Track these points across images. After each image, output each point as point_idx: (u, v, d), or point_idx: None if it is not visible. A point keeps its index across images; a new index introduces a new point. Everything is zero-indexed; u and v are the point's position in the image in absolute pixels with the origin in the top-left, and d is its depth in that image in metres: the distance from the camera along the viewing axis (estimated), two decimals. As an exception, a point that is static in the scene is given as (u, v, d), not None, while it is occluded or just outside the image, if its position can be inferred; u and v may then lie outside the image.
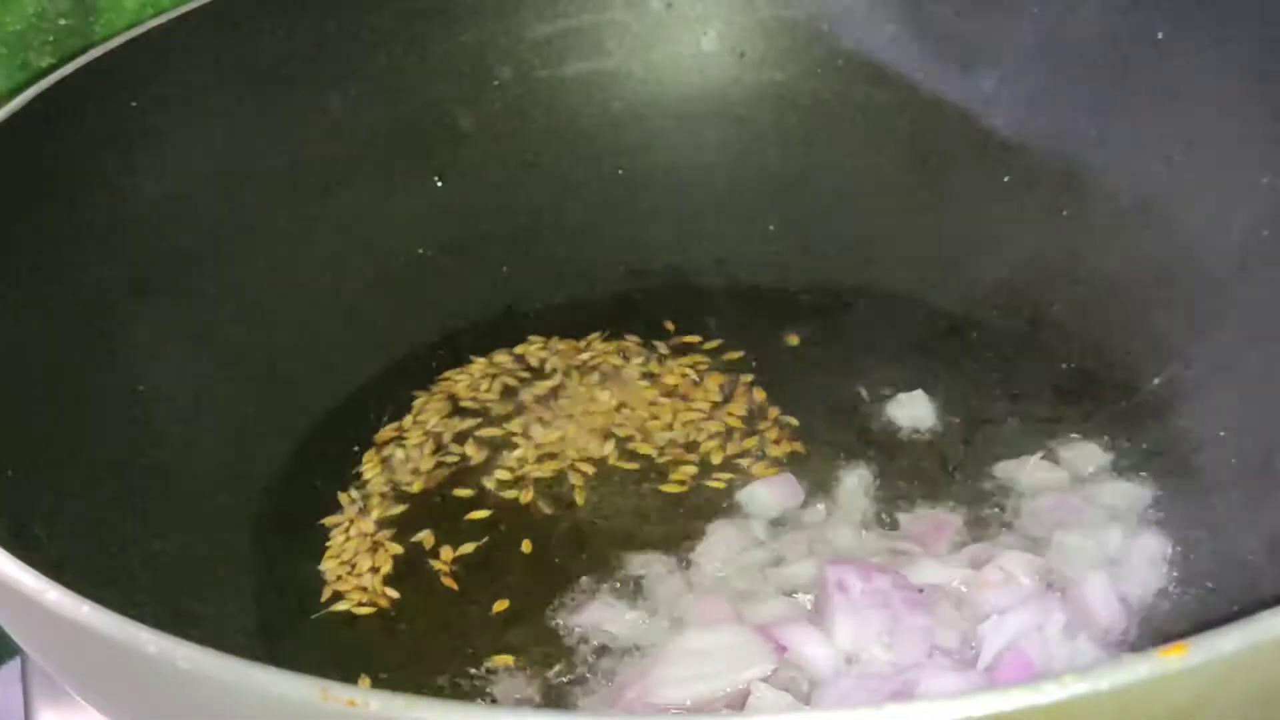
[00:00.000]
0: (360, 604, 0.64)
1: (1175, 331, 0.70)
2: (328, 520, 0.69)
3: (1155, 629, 0.60)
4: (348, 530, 0.68)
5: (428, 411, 0.74)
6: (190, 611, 0.60)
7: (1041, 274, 0.76)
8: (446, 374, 0.76)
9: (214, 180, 0.72)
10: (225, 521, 0.67)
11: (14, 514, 0.54)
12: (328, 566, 0.67)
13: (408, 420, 0.74)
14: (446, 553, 0.67)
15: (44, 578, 0.41)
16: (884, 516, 0.66)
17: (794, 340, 0.77)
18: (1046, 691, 0.33)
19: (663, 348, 0.77)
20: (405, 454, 0.72)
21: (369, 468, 0.72)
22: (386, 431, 0.73)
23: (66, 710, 0.64)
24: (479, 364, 0.77)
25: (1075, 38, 0.74)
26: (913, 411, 0.72)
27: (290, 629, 0.64)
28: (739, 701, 0.56)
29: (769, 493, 0.68)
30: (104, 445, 0.63)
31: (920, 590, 0.60)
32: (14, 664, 0.74)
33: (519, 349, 0.78)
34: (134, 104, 0.69)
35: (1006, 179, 0.77)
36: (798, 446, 0.71)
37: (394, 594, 0.65)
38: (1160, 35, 0.71)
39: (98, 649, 0.40)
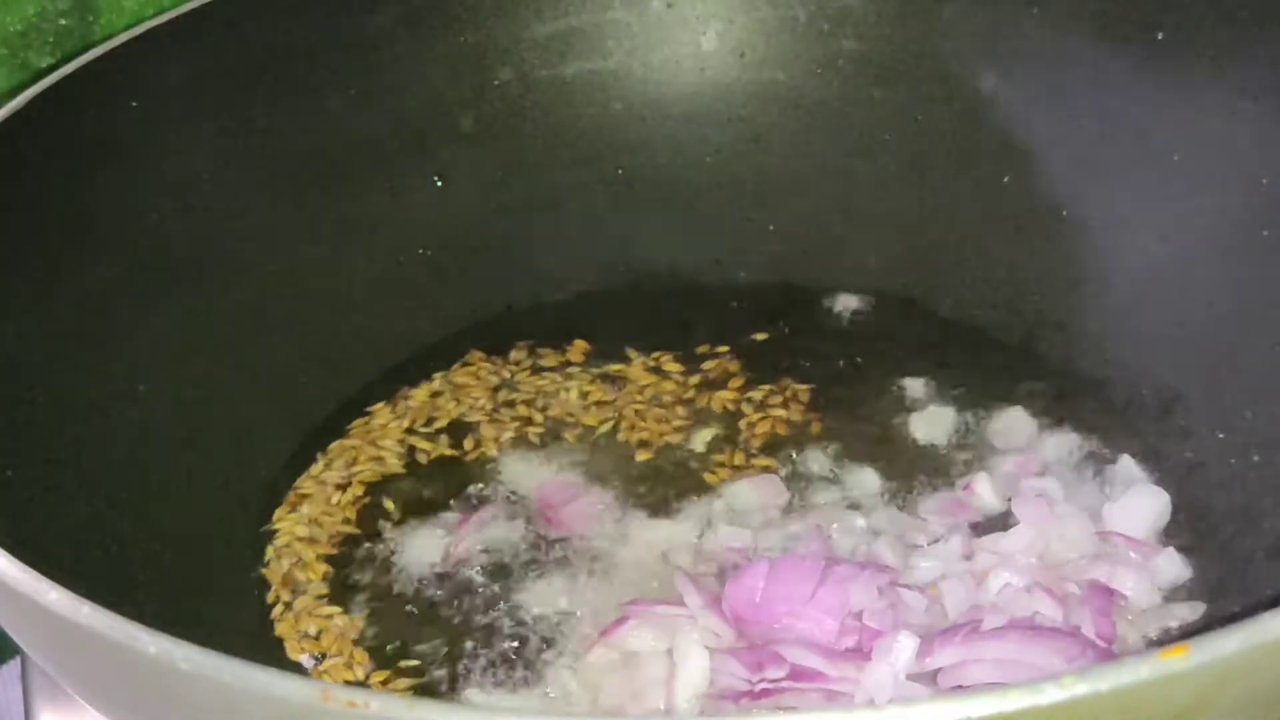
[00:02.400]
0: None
1: (1175, 332, 0.70)
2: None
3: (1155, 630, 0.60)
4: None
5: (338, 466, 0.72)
6: (190, 612, 0.60)
7: (1042, 274, 0.76)
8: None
9: (214, 180, 0.72)
10: (225, 521, 0.67)
11: (14, 514, 0.54)
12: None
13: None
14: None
15: (44, 578, 0.41)
16: (881, 511, 0.66)
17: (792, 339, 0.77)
18: (1047, 692, 0.33)
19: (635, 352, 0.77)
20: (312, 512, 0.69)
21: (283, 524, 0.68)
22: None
23: (66, 710, 0.64)
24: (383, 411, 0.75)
25: (1075, 38, 0.74)
26: (912, 410, 0.72)
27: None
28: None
29: (754, 491, 0.68)
30: (105, 445, 0.63)
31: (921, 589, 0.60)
32: (14, 664, 0.74)
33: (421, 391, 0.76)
34: (134, 104, 0.69)
35: (1006, 179, 0.77)
36: (796, 445, 0.71)
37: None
38: (1160, 35, 0.71)
39: (98, 650, 0.40)
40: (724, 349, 0.77)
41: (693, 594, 0.59)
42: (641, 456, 0.71)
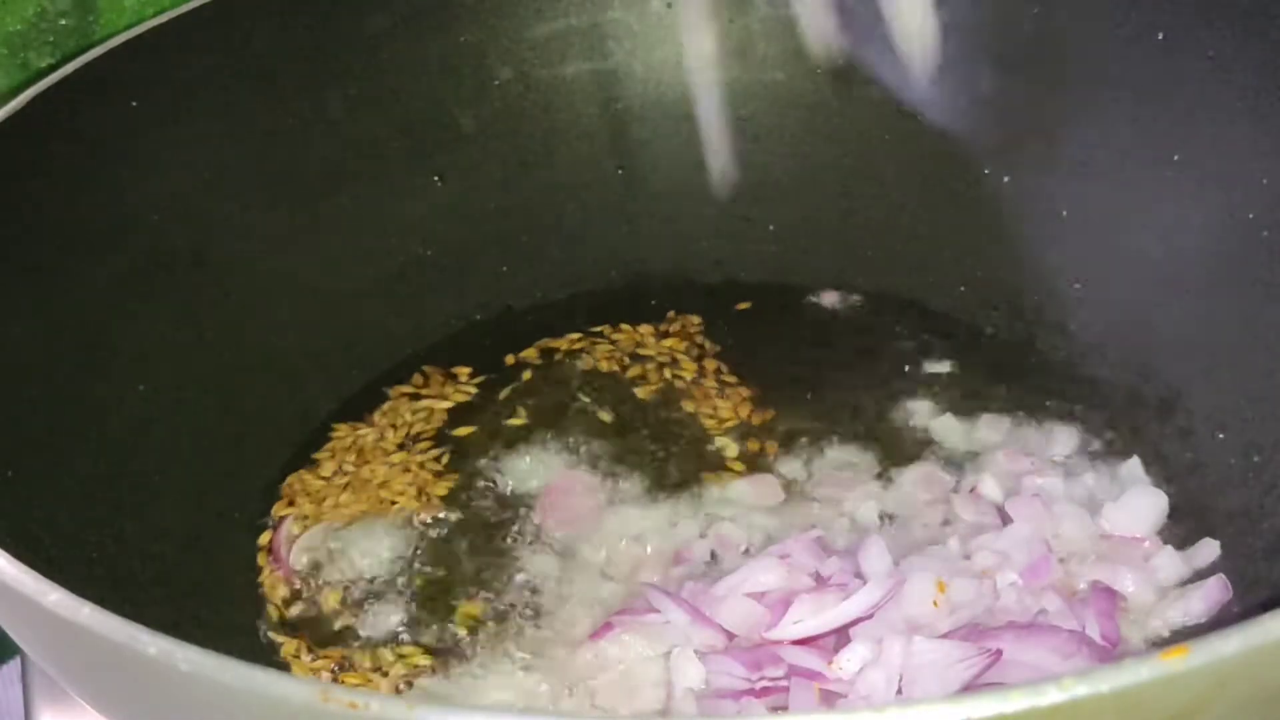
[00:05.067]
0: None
1: (1175, 332, 0.70)
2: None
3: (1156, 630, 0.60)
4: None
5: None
6: (190, 612, 0.60)
7: (1041, 275, 0.75)
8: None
9: (214, 180, 0.72)
10: (225, 522, 0.67)
11: (14, 514, 0.54)
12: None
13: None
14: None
15: (44, 579, 0.41)
16: (880, 510, 0.66)
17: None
18: (1047, 693, 0.33)
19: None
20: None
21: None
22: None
23: (66, 710, 0.64)
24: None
25: (1075, 38, 0.74)
26: (911, 409, 0.72)
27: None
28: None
29: (752, 490, 0.68)
30: (105, 445, 0.63)
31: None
32: (14, 664, 0.74)
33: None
34: (134, 104, 0.69)
35: (1006, 179, 0.77)
36: (793, 444, 0.71)
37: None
38: (1160, 36, 0.71)
39: (98, 651, 0.40)
40: (723, 348, 0.77)
41: (672, 608, 0.59)
42: (640, 453, 0.71)
